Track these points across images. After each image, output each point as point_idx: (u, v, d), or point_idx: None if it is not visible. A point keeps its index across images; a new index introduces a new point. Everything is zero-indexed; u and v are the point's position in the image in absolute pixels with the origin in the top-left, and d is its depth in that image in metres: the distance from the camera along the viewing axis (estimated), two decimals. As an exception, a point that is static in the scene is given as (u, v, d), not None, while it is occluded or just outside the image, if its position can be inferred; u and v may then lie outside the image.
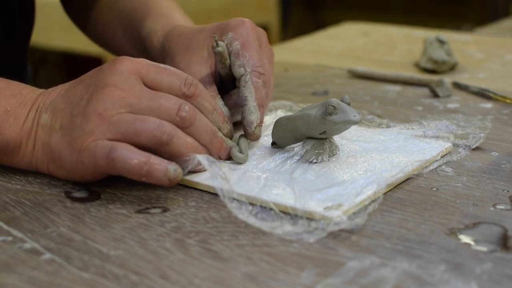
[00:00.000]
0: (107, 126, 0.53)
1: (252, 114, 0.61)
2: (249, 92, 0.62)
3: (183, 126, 0.55)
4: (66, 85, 0.59)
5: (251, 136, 0.61)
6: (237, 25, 0.66)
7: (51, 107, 0.57)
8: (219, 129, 0.59)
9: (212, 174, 0.54)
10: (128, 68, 0.55)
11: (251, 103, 0.61)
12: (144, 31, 0.78)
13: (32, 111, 0.58)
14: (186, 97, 0.56)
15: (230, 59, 0.64)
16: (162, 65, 0.57)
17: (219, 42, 0.63)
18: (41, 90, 0.60)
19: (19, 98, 0.58)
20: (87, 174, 0.55)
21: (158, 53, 0.73)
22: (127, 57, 0.56)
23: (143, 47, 0.77)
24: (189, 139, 0.55)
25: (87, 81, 0.57)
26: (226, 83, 0.67)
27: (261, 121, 0.62)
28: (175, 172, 0.53)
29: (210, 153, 0.57)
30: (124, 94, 0.54)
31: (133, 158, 0.52)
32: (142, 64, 0.56)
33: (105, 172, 0.55)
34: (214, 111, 0.59)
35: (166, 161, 0.53)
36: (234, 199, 0.52)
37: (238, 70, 0.63)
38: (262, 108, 0.62)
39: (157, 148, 0.54)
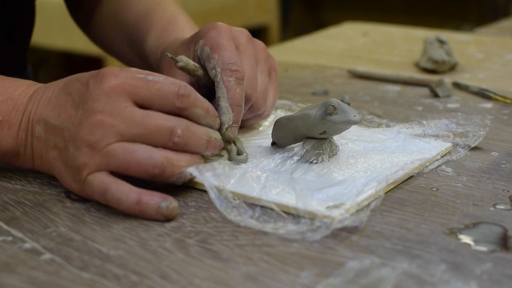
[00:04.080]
0: (99, 159, 0.52)
1: (223, 115, 0.59)
2: (221, 93, 0.60)
3: (177, 148, 0.54)
4: (56, 89, 0.57)
5: (223, 137, 0.59)
6: (207, 30, 0.64)
7: (43, 120, 0.55)
8: (211, 127, 0.57)
9: (207, 186, 0.54)
10: (115, 88, 0.53)
11: (223, 104, 0.59)
12: (147, 48, 0.77)
13: (24, 120, 0.56)
14: (180, 110, 0.54)
15: (205, 65, 0.63)
16: (151, 78, 0.54)
17: (178, 58, 0.61)
18: (32, 91, 0.58)
19: (10, 104, 0.57)
20: (91, 199, 0.55)
21: (158, 70, 0.72)
22: (113, 72, 0.54)
23: (148, 63, 0.77)
24: (183, 162, 0.54)
25: (75, 95, 0.54)
26: (213, 90, 0.65)
27: (236, 122, 0.59)
28: (167, 209, 0.52)
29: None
30: (114, 122, 0.52)
31: (125, 201, 0.52)
32: (130, 80, 0.53)
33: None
34: (207, 115, 0.56)
35: (158, 197, 0.52)
36: (233, 207, 0.52)
37: (211, 73, 0.61)
38: (238, 107, 0.60)
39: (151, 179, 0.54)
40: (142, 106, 0.54)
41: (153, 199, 0.52)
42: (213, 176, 0.55)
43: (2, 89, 0.58)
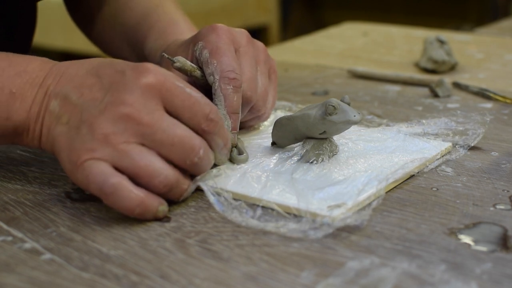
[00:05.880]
0: (110, 152, 0.50)
1: None
2: (219, 101, 0.60)
3: (190, 169, 0.53)
4: (82, 68, 0.55)
5: None
6: (207, 32, 0.63)
7: (62, 95, 0.54)
8: (220, 162, 0.57)
9: (205, 190, 0.54)
10: (152, 86, 0.51)
11: (221, 111, 0.59)
12: (147, 50, 0.77)
13: (40, 94, 0.55)
14: (204, 132, 0.53)
15: (202, 69, 0.63)
16: (188, 90, 0.53)
17: (175, 58, 0.61)
18: (49, 67, 0.56)
19: (24, 76, 0.55)
20: (79, 185, 0.53)
21: None
22: (154, 69, 0.52)
23: None
24: (186, 186, 0.53)
25: (105, 80, 0.53)
26: (209, 91, 0.63)
27: (234, 128, 0.60)
28: (163, 212, 0.52)
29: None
30: (140, 120, 0.50)
31: (127, 198, 0.50)
32: (168, 84, 0.52)
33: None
34: (223, 148, 0.56)
35: (157, 199, 0.51)
36: (234, 208, 0.52)
37: (209, 79, 0.61)
38: (235, 114, 0.60)
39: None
40: (170, 114, 0.52)
41: (154, 202, 0.51)
42: (211, 179, 0.55)
43: (14, 63, 0.56)
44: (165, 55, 0.62)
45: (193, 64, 0.63)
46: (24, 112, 0.55)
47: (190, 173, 0.54)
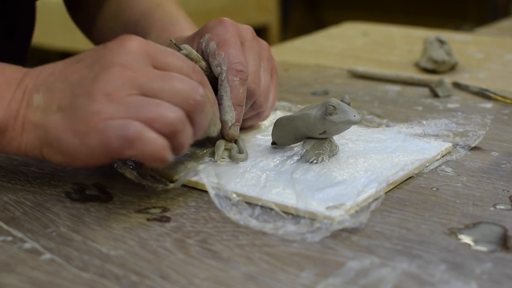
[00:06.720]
0: (116, 107, 0.50)
1: (226, 114, 0.60)
2: (225, 92, 0.61)
3: (194, 110, 0.52)
4: (58, 64, 0.55)
5: (226, 136, 0.61)
6: (214, 25, 0.64)
7: (44, 88, 0.53)
8: (214, 125, 0.57)
9: (207, 184, 0.54)
10: (137, 48, 0.52)
11: (226, 103, 0.60)
12: None
13: (18, 92, 0.54)
14: None
15: (209, 60, 0.63)
16: (170, 50, 0.55)
17: (182, 46, 0.61)
18: (26, 69, 0.56)
19: (1, 78, 0.55)
20: (92, 157, 0.51)
21: None
22: (136, 36, 0.54)
23: None
24: (189, 134, 0.52)
25: (88, 60, 0.53)
26: (215, 85, 0.65)
27: (238, 120, 0.61)
28: (171, 157, 0.51)
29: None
30: (134, 74, 0.51)
31: (154, 141, 0.49)
32: (151, 45, 0.54)
33: (114, 155, 0.51)
34: (215, 104, 0.57)
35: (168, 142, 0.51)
36: (233, 205, 0.52)
37: (215, 70, 0.62)
38: (240, 107, 0.61)
39: (167, 137, 0.51)
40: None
41: (168, 146, 0.50)
42: (213, 175, 0.55)
43: None
44: (173, 40, 0.62)
45: (198, 55, 0.63)
46: (1, 111, 0.53)
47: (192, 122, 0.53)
